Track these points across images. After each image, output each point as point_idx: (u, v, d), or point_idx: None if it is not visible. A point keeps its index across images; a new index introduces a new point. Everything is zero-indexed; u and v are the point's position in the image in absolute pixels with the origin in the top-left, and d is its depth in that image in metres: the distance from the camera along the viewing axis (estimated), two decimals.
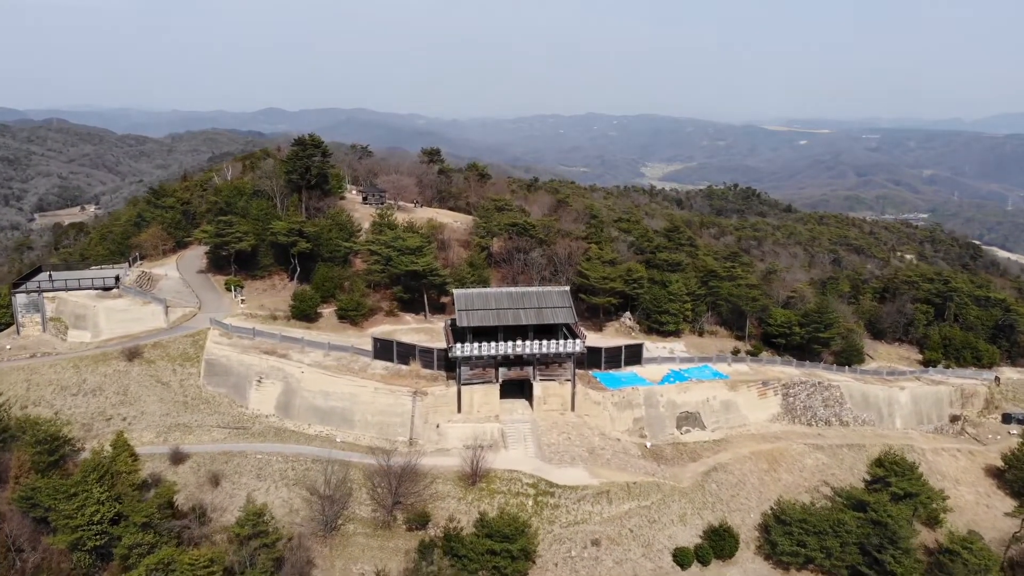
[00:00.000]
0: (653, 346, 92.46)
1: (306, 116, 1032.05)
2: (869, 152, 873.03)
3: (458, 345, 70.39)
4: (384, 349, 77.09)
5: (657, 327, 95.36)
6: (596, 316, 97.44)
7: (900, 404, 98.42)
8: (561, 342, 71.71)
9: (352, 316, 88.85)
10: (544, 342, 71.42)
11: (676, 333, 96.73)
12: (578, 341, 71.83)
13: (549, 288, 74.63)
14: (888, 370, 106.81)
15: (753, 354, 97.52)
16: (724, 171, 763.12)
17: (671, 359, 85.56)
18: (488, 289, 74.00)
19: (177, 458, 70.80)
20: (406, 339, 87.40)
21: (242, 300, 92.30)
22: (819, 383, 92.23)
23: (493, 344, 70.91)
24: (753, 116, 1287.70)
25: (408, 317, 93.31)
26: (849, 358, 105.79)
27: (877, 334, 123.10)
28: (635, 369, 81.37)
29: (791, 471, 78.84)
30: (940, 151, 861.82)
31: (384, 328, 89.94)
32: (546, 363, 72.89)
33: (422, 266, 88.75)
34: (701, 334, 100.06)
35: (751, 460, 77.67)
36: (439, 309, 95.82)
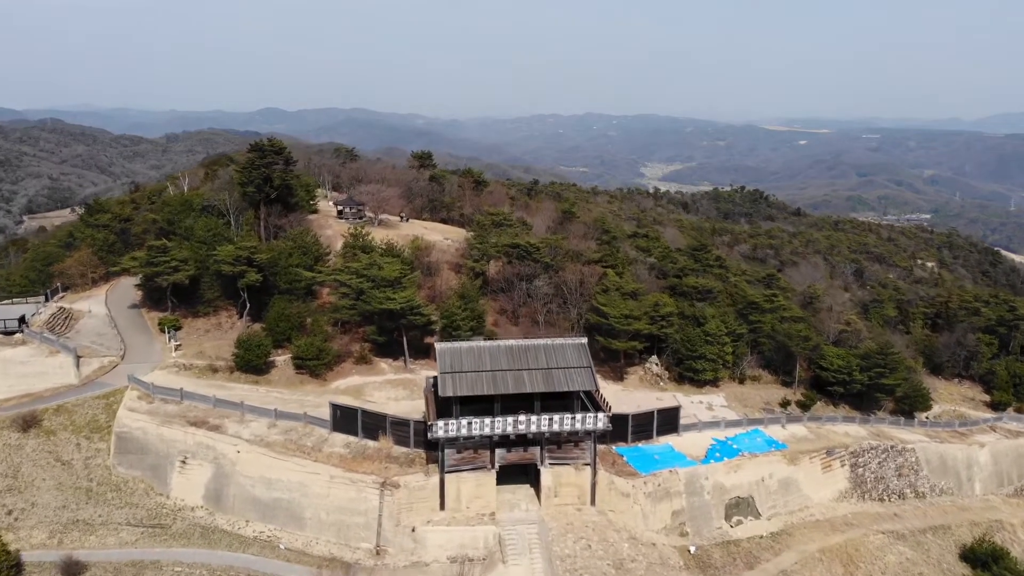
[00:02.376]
0: (687, 400, 74.90)
1: (305, 116, 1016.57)
2: (869, 152, 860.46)
3: (440, 423, 52.68)
4: (345, 419, 59.43)
5: (691, 375, 77.70)
6: (615, 360, 79.89)
7: (980, 466, 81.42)
8: (578, 416, 54.06)
9: (312, 366, 71.12)
10: (555, 416, 53.80)
11: (714, 382, 79.15)
12: (600, 415, 54.19)
13: (562, 341, 56.95)
14: (960, 420, 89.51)
15: (805, 406, 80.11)
16: (724, 171, 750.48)
17: (714, 424, 67.95)
18: (481, 343, 56.37)
19: (71, 570, 53.12)
20: (379, 395, 69.90)
21: (177, 345, 74.49)
22: (892, 447, 74.86)
23: (487, 420, 53.27)
24: (753, 116, 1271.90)
25: (383, 364, 75.60)
26: (913, 404, 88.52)
27: (934, 369, 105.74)
28: (671, 440, 63.77)
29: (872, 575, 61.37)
30: (941, 151, 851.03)
31: (352, 381, 72.22)
32: (558, 442, 55.30)
33: (400, 304, 71.07)
34: (742, 381, 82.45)
35: (821, 562, 60.12)
36: (423, 352, 78.16)
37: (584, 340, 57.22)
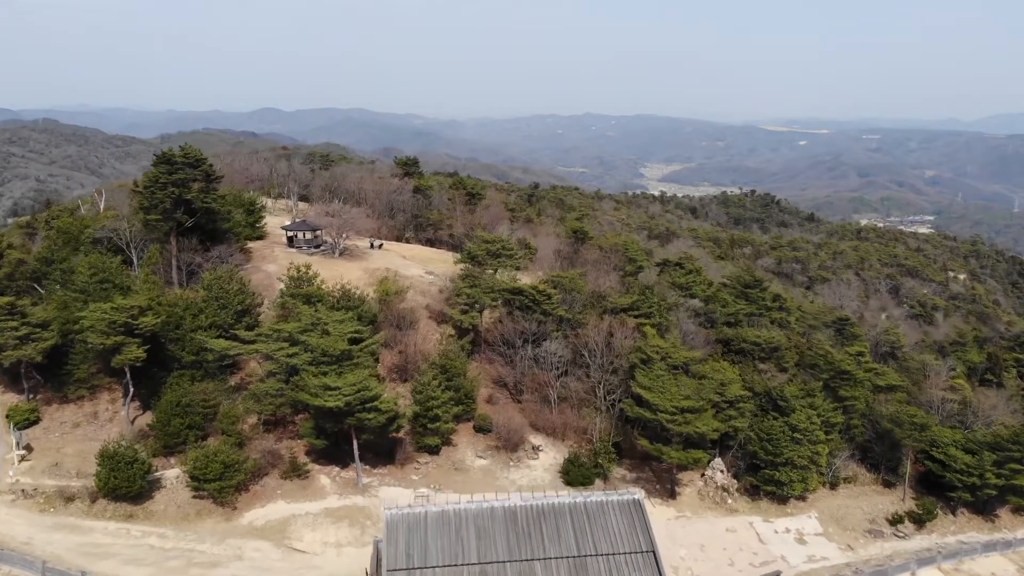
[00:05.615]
0: (768, 529, 51.74)
1: (302, 116, 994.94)
2: (870, 152, 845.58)
3: None
4: None
5: (774, 489, 54.21)
6: (657, 459, 56.58)
7: None
8: None
9: (214, 489, 47.60)
10: None
11: (802, 495, 55.79)
12: None
13: (600, 498, 33.50)
14: None
15: (921, 520, 57.27)
16: (723, 171, 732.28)
17: None
18: (460, 507, 33.09)
19: None
20: (312, 537, 46.93)
21: (24, 451, 50.83)
22: None
23: None
24: (752, 116, 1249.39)
25: (324, 479, 52.00)
26: None
27: None
28: None
29: None
30: (941, 152, 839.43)
31: (275, 510, 48.66)
32: None
33: (346, 397, 47.50)
34: (835, 485, 59.19)
35: None
36: (385, 455, 54.82)
37: (638, 495, 33.88)
